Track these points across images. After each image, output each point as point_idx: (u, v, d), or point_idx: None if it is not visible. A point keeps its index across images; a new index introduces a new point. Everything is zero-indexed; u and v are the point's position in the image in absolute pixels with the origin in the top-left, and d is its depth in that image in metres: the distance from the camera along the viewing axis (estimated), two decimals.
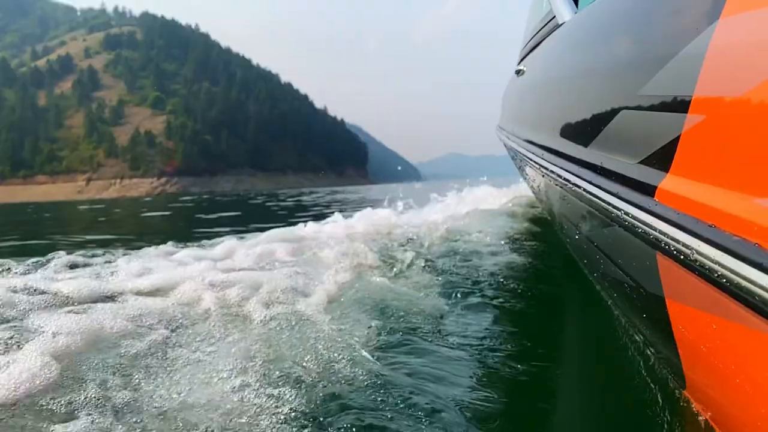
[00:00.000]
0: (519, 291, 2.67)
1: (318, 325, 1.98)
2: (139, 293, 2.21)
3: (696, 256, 0.73)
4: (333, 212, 5.53)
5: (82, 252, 3.10)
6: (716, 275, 0.68)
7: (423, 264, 3.18)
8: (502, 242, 3.87)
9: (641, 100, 1.01)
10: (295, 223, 5.03)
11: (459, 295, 2.56)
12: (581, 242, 1.62)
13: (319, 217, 5.30)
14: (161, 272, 2.53)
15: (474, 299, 2.51)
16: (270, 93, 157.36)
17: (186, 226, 10.09)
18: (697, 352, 0.83)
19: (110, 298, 2.11)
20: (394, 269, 3.07)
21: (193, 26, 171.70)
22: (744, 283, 0.63)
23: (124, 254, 3.10)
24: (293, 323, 1.98)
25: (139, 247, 3.49)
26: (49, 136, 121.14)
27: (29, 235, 8.95)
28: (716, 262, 0.68)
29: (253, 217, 11.85)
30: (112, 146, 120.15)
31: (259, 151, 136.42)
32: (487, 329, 2.14)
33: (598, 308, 2.07)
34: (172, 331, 1.85)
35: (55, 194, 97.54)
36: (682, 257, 0.77)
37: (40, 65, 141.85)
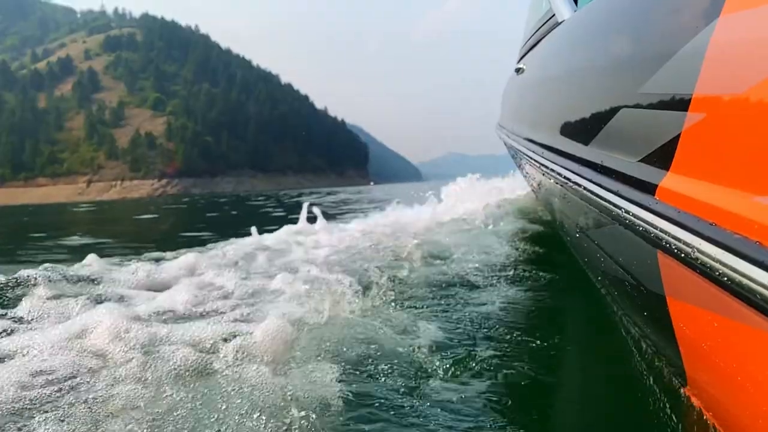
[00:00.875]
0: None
1: (251, 385, 1.48)
2: (32, 346, 1.72)
3: (697, 254, 0.73)
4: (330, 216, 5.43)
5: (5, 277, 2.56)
6: (717, 273, 0.68)
7: (400, 296, 2.56)
8: (488, 266, 3.23)
9: (641, 99, 1.01)
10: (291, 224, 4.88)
11: (444, 340, 1.97)
12: (581, 240, 1.62)
13: (314, 220, 4.95)
14: (74, 314, 2.05)
15: (461, 346, 1.95)
16: (270, 94, 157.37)
17: (173, 230, 10.20)
18: (698, 350, 0.83)
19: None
20: (364, 303, 2.39)
21: (193, 27, 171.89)
22: (744, 281, 0.63)
23: (49, 280, 2.49)
24: (219, 384, 1.48)
25: (110, 254, 3.41)
26: (50, 139, 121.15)
27: (2, 240, 8.97)
28: (717, 260, 0.68)
29: (246, 219, 11.78)
30: (113, 148, 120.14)
31: (260, 152, 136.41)
32: (481, 380, 1.69)
33: (598, 306, 2.07)
34: (59, 397, 1.41)
35: (56, 196, 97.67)
36: (682, 255, 0.77)
37: (40, 67, 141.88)
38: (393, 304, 2.43)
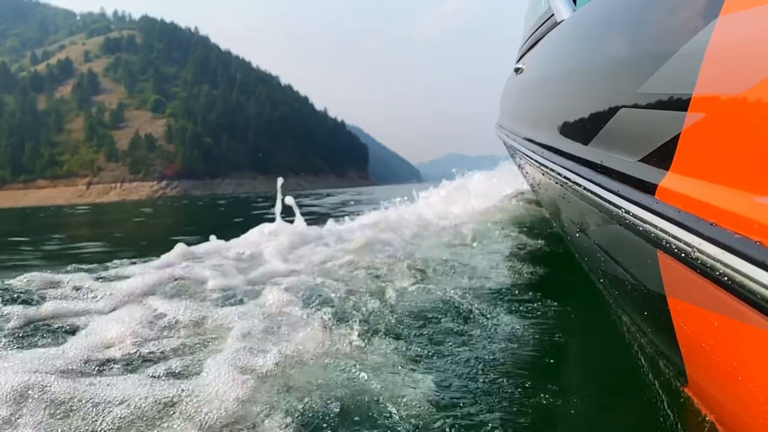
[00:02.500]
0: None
1: None
2: None
3: (697, 254, 0.73)
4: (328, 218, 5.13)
5: None
6: (717, 273, 0.68)
7: (381, 332, 2.05)
8: (481, 289, 2.71)
9: (641, 98, 1.01)
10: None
11: (436, 389, 1.55)
12: (581, 240, 1.62)
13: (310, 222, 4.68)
14: None
15: (456, 386, 1.63)
16: (270, 95, 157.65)
17: (161, 232, 10.26)
18: (699, 350, 0.83)
19: None
20: (336, 341, 1.90)
21: (192, 29, 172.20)
22: (745, 280, 0.63)
23: None
24: None
25: (83, 260, 3.16)
26: (50, 141, 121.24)
27: None
28: (717, 260, 0.68)
29: (238, 220, 11.75)
30: (113, 150, 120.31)
31: (260, 153, 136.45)
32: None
33: (598, 305, 2.07)
34: None
35: (56, 198, 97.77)
36: (683, 255, 0.77)
37: (39, 70, 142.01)
38: (372, 342, 1.94)
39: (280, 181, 4.64)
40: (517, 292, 2.63)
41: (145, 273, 2.73)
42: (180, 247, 3.45)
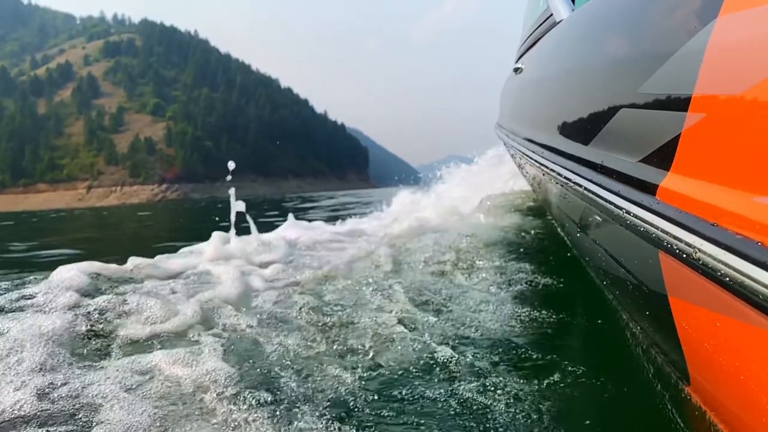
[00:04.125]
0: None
1: None
2: None
3: (698, 254, 0.73)
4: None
5: None
6: (718, 273, 0.68)
7: (358, 416, 1.46)
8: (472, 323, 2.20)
9: (641, 98, 1.01)
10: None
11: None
12: (582, 240, 1.62)
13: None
14: None
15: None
16: (270, 98, 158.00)
17: (147, 236, 10.24)
18: (701, 350, 0.83)
19: None
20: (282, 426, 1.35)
21: (192, 32, 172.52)
22: (746, 281, 0.63)
23: None
24: None
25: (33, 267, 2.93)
26: (49, 145, 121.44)
27: None
28: (718, 261, 0.68)
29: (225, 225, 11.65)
30: (112, 153, 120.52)
31: (260, 156, 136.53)
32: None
33: (600, 305, 2.07)
34: None
35: (56, 202, 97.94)
36: (684, 255, 0.77)
37: (39, 74, 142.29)
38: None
39: (231, 191, 3.96)
40: (514, 337, 2.06)
41: (51, 305, 2.06)
42: (89, 265, 2.53)
